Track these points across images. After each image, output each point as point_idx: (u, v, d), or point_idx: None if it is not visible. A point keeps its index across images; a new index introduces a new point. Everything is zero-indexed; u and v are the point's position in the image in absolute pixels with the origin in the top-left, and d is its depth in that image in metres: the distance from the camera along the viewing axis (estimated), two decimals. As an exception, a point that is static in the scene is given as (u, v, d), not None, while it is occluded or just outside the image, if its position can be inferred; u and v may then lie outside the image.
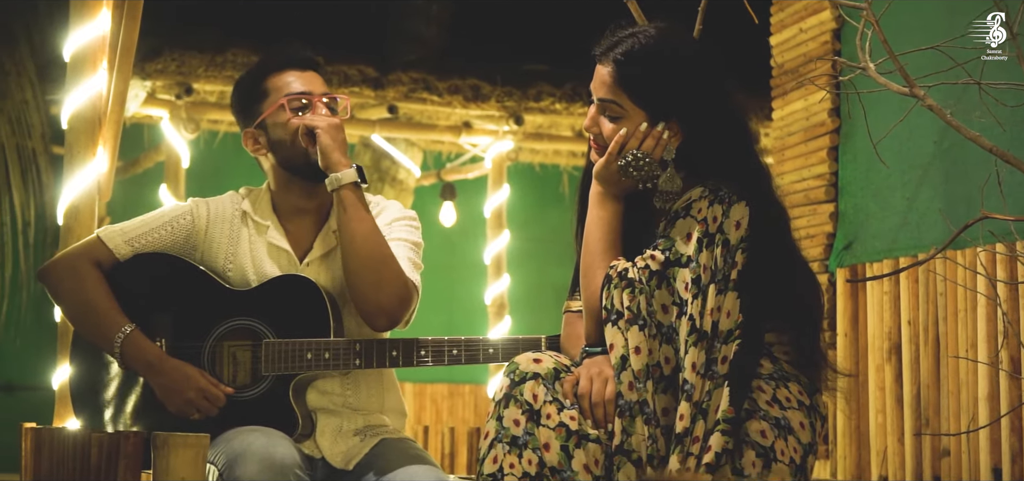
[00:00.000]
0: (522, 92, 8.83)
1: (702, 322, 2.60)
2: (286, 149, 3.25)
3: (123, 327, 3.16)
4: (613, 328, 2.67)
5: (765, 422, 2.65)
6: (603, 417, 2.65)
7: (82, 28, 3.86)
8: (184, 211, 3.33)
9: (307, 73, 3.31)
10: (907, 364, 4.36)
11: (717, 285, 2.63)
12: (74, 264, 3.27)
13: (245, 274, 3.29)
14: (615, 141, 2.77)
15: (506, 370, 2.75)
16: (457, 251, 10.91)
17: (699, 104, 2.78)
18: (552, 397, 2.68)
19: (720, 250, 2.65)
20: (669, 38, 2.80)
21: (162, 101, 8.30)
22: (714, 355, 2.61)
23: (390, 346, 3.14)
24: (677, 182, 2.78)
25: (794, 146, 5.05)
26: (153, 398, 3.17)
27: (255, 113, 3.30)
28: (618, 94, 2.77)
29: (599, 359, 2.72)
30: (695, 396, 2.57)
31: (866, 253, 4.64)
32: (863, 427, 4.60)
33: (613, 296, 2.68)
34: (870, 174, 4.64)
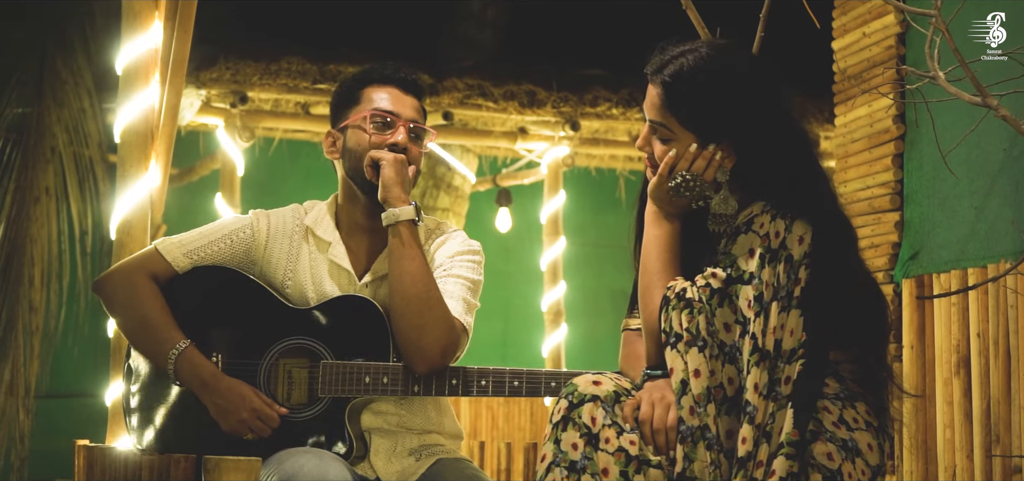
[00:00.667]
0: (578, 97, 8.79)
1: (764, 341, 2.54)
2: (354, 160, 3.26)
3: (178, 343, 3.15)
4: (672, 351, 2.61)
5: (832, 444, 2.58)
6: (665, 444, 2.59)
7: (134, 41, 3.87)
8: (244, 224, 3.32)
9: (406, 97, 3.31)
10: (976, 378, 4.24)
11: (780, 302, 2.56)
12: (130, 277, 3.25)
13: (304, 291, 3.27)
14: (664, 163, 2.72)
15: (564, 391, 2.69)
16: (513, 257, 10.92)
17: (752, 124, 2.70)
18: (611, 420, 2.63)
19: (783, 266, 2.58)
20: (719, 57, 2.73)
21: (217, 109, 8.34)
22: (777, 375, 2.54)
23: (450, 374, 3.12)
24: (732, 204, 2.72)
25: (858, 153, 4.94)
26: (206, 416, 3.15)
27: (342, 116, 3.33)
28: (666, 117, 2.72)
29: (661, 383, 2.66)
30: (758, 418, 2.51)
31: (933, 263, 4.52)
32: (930, 443, 4.48)
33: (672, 318, 2.62)
34: (936, 182, 4.52)
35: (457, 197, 9.58)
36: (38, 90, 8.29)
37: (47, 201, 8.29)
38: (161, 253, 3.26)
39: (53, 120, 8.28)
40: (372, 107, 3.25)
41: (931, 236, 4.56)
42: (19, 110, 8.27)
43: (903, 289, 4.63)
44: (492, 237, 10.34)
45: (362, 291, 3.25)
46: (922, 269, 4.57)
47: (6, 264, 8.13)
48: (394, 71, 3.31)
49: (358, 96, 3.30)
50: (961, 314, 4.32)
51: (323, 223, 3.32)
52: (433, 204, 9.46)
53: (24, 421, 8.25)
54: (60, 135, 8.32)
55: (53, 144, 8.31)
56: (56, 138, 8.30)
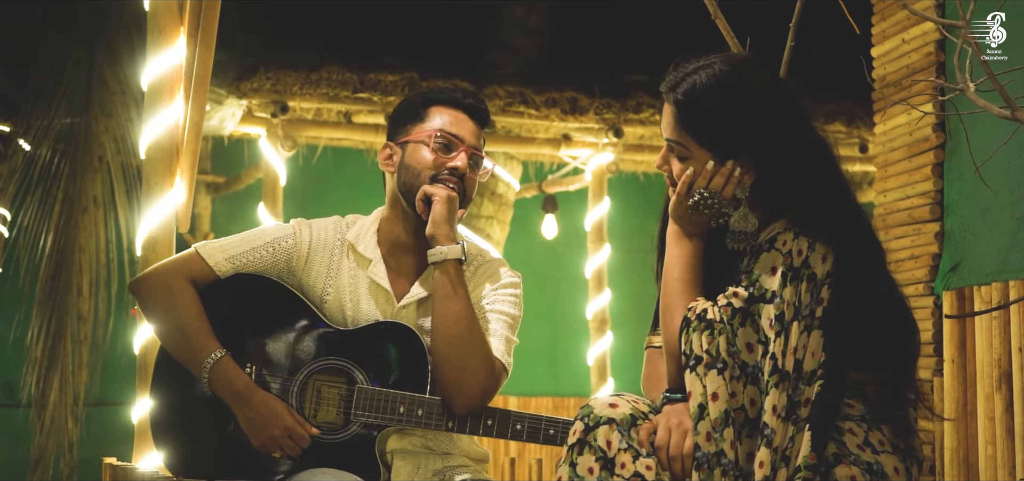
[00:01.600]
0: (621, 104, 8.78)
1: (784, 361, 2.49)
2: (408, 175, 3.23)
3: (214, 351, 3.14)
4: (692, 374, 2.57)
5: (856, 467, 2.53)
6: (681, 471, 2.55)
7: (158, 57, 3.87)
8: (287, 233, 3.31)
9: (471, 122, 3.29)
10: (1018, 394, 4.15)
11: (801, 322, 2.51)
12: (168, 279, 3.23)
13: (342, 307, 3.26)
14: (682, 181, 2.67)
15: (580, 413, 2.66)
16: (561, 263, 10.96)
17: (768, 140, 2.65)
18: (627, 444, 2.59)
19: (805, 285, 2.54)
20: (733, 73, 2.67)
21: (259, 119, 8.40)
22: (797, 397, 2.50)
23: (487, 415, 3.09)
24: (752, 221, 2.68)
25: (897, 162, 4.86)
26: (236, 429, 3.14)
27: (403, 131, 3.30)
28: (682, 135, 2.68)
29: (679, 407, 2.62)
30: (776, 441, 2.47)
31: (974, 275, 4.43)
32: (972, 458, 4.39)
33: (692, 340, 2.58)
34: (977, 192, 4.43)
35: (501, 204, 9.58)
36: (86, 101, 8.37)
37: (95, 210, 8.35)
38: (202, 256, 3.24)
39: (101, 130, 8.36)
40: (437, 127, 3.22)
41: (972, 247, 4.47)
42: (67, 120, 8.34)
43: (943, 301, 4.55)
44: (539, 243, 10.36)
45: (400, 312, 3.24)
46: (963, 281, 4.48)
47: (55, 273, 8.21)
48: (463, 96, 3.30)
49: (423, 113, 3.27)
50: (1002, 328, 4.24)
51: (365, 239, 3.30)
52: (477, 212, 9.49)
53: (73, 430, 8.33)
54: (107, 145, 8.38)
55: (101, 154, 8.37)
56: (104, 148, 8.36)
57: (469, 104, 3.28)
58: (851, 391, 2.65)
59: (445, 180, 3.18)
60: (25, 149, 8.20)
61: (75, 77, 8.40)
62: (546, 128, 8.94)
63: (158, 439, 3.23)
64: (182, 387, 3.22)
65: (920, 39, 4.64)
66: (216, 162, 10.09)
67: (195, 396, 3.19)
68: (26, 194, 8.23)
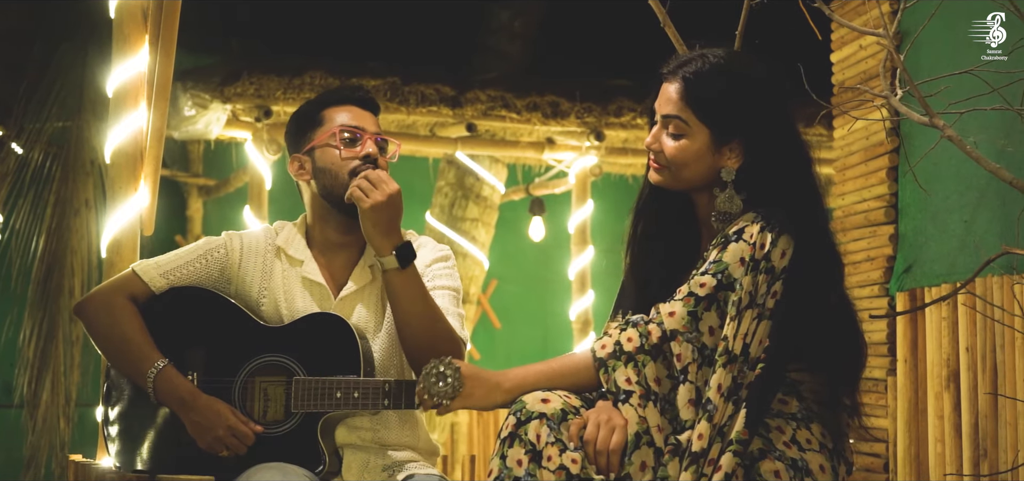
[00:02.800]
0: (602, 108, 8.83)
1: (734, 344, 2.61)
2: (328, 180, 3.31)
3: (156, 362, 3.23)
4: (626, 407, 2.67)
5: (780, 463, 2.63)
6: (606, 466, 2.63)
7: (123, 65, 3.95)
8: (218, 244, 3.41)
9: (365, 112, 3.38)
10: (966, 393, 4.23)
11: (754, 310, 2.63)
12: (108, 299, 3.35)
13: (278, 308, 3.34)
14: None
15: (513, 407, 2.74)
16: (551, 265, 10.99)
17: (763, 127, 2.78)
18: (555, 438, 2.66)
19: (763, 277, 2.65)
20: (737, 60, 2.85)
21: (243, 123, 8.45)
22: (740, 380, 2.60)
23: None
24: (737, 203, 2.78)
25: (854, 166, 4.95)
26: (184, 433, 3.23)
27: (306, 139, 3.37)
28: (684, 110, 2.79)
29: (610, 405, 2.70)
30: (716, 417, 2.57)
31: (926, 277, 4.51)
32: (923, 456, 4.48)
33: (615, 379, 2.70)
34: (929, 197, 4.52)
35: (486, 207, 9.63)
36: (78, 105, 8.41)
37: (87, 213, 8.39)
38: (138, 274, 3.35)
39: (92, 134, 8.38)
40: (338, 124, 3.31)
41: (924, 250, 4.56)
42: (60, 124, 8.38)
43: (897, 302, 4.64)
44: (528, 245, 10.42)
45: (337, 306, 3.31)
46: (915, 282, 4.57)
47: (46, 276, 8.24)
48: (351, 91, 3.39)
49: (319, 118, 3.35)
50: (951, 329, 4.31)
51: (294, 243, 3.39)
52: (462, 215, 9.51)
53: (64, 430, 8.36)
54: (99, 149, 8.32)
55: (92, 157, 8.41)
56: (95, 151, 8.38)
57: (359, 97, 3.38)
58: (787, 388, 2.74)
59: (362, 171, 3.24)
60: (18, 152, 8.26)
61: (68, 81, 8.44)
62: (529, 132, 9.00)
63: (110, 443, 3.35)
64: (132, 394, 3.34)
65: (876, 45, 4.72)
66: (207, 165, 10.13)
67: (144, 406, 3.30)
68: (18, 197, 8.29)
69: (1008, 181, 2.87)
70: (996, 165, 2.93)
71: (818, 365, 2.77)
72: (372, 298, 3.35)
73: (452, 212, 9.55)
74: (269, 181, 8.52)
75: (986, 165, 2.91)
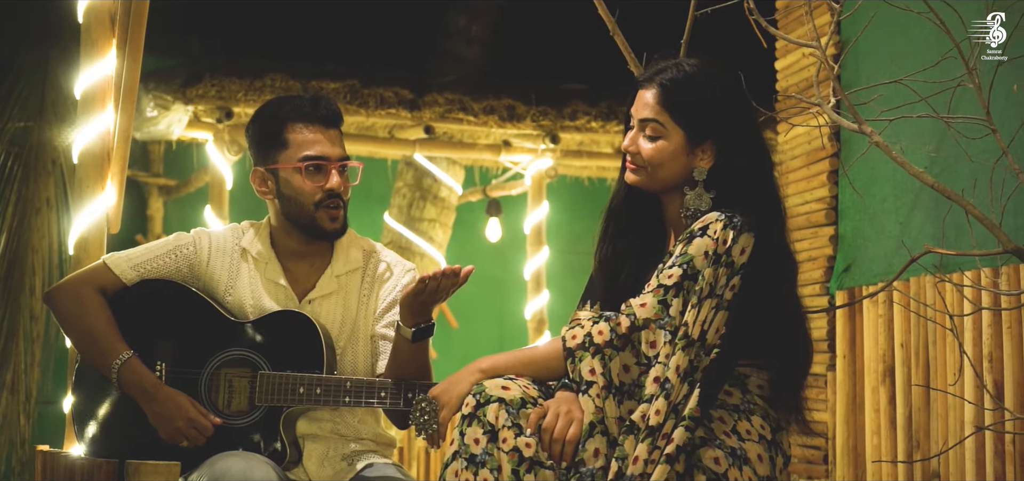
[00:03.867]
0: (557, 111, 8.90)
1: (692, 330, 2.76)
2: (293, 207, 3.40)
3: (121, 353, 3.31)
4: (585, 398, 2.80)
5: (720, 451, 2.78)
6: (560, 455, 2.77)
7: (91, 68, 4.03)
8: (187, 241, 3.48)
9: (330, 131, 3.41)
10: (900, 387, 4.42)
11: (713, 300, 2.78)
12: (77, 290, 3.42)
13: (243, 307, 3.43)
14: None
15: (474, 390, 2.88)
16: (507, 265, 11.04)
17: (733, 130, 2.97)
18: (512, 422, 2.80)
19: (723, 270, 2.80)
20: (710, 67, 3.01)
21: (205, 124, 8.45)
22: (696, 363, 2.75)
23: (379, 387, 3.26)
24: (706, 200, 2.96)
25: (797, 169, 5.12)
26: (148, 423, 3.31)
27: (270, 158, 3.42)
28: (661, 113, 2.96)
29: (571, 396, 2.85)
30: (673, 396, 2.72)
31: (864, 276, 4.69)
32: (860, 448, 4.66)
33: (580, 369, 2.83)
34: (867, 198, 4.70)
35: (443, 208, 9.66)
36: (40, 105, 8.41)
37: (48, 212, 8.38)
38: (109, 267, 3.42)
39: (54, 134, 8.37)
40: (302, 154, 3.35)
41: (862, 250, 4.73)
42: (21, 124, 8.37)
43: (837, 300, 4.81)
44: (485, 246, 10.42)
45: (305, 309, 3.40)
46: (854, 281, 4.74)
47: (8, 274, 8.23)
48: (313, 107, 3.41)
49: (283, 139, 3.40)
50: (887, 326, 4.49)
51: (259, 246, 3.47)
52: (420, 216, 9.56)
53: (24, 426, 8.33)
54: (60, 148, 8.37)
55: (54, 157, 8.40)
56: (57, 151, 8.38)
57: (322, 114, 3.41)
58: (733, 380, 2.90)
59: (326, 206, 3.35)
60: (-22, 152, 8.20)
61: (29, 82, 8.43)
62: (486, 134, 9.04)
63: (79, 431, 3.43)
64: (100, 384, 3.41)
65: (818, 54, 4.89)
66: (168, 165, 10.10)
67: (112, 396, 3.39)
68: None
69: (931, 185, 3.04)
70: (920, 170, 3.10)
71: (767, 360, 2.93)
72: (338, 306, 3.45)
73: (410, 213, 9.58)
74: (230, 181, 8.52)
75: (911, 170, 3.08)
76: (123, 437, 3.36)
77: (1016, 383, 3.88)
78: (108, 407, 3.40)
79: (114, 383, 3.32)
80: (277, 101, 3.49)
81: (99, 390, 3.41)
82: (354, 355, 3.44)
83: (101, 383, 3.40)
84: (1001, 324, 3.95)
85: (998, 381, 3.95)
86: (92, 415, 3.42)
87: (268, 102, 3.55)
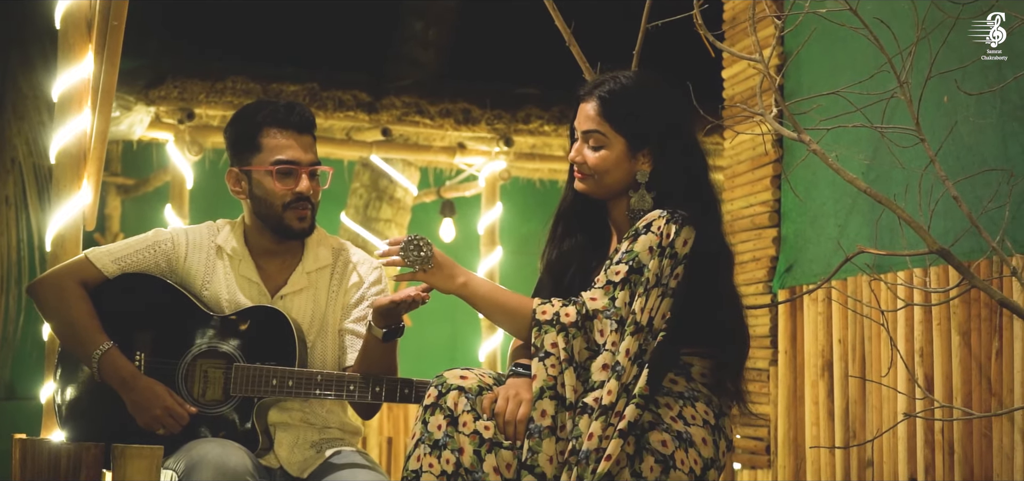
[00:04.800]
0: (511, 115, 9.03)
1: (641, 317, 2.93)
2: (263, 207, 3.53)
3: (101, 344, 3.42)
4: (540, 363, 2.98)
5: (667, 434, 2.96)
6: (513, 435, 2.96)
7: (68, 71, 4.14)
8: (166, 237, 3.60)
9: (302, 137, 3.55)
10: (838, 381, 4.62)
11: (659, 289, 2.97)
12: (60, 282, 3.52)
13: (219, 301, 3.55)
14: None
15: (435, 381, 3.06)
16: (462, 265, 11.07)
17: (670, 135, 3.14)
18: (470, 407, 2.99)
19: (667, 261, 2.98)
20: (645, 78, 3.21)
21: (166, 125, 8.48)
22: (645, 346, 2.94)
23: (348, 381, 3.40)
24: (648, 200, 3.13)
25: (743, 174, 5.29)
26: (126, 411, 3.42)
27: (244, 160, 3.55)
28: (602, 124, 3.13)
29: (519, 382, 3.02)
30: (624, 377, 2.90)
31: (804, 276, 4.87)
32: (800, 438, 4.84)
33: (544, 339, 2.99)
34: (808, 202, 4.88)
35: (399, 208, 9.72)
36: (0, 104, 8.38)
37: (7, 210, 8.38)
38: (91, 261, 3.53)
39: (14, 133, 8.37)
40: (273, 158, 3.50)
41: (803, 251, 4.92)
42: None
43: (779, 298, 5.00)
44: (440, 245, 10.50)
45: (276, 304, 3.54)
46: (795, 280, 4.93)
47: (-32, 271, 8.16)
48: (287, 114, 3.55)
49: (257, 143, 3.53)
50: (825, 323, 4.68)
51: (233, 244, 3.60)
52: (376, 216, 9.60)
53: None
54: (20, 147, 8.38)
55: (13, 156, 8.38)
56: (16, 150, 8.37)
57: (295, 121, 3.55)
58: (679, 369, 3.09)
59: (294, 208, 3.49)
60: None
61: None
62: (442, 137, 9.12)
63: (61, 419, 3.54)
64: (81, 377, 3.53)
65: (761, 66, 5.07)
66: (126, 165, 10.08)
67: (92, 386, 3.50)
68: (-61, 195, 8.18)
69: (863, 190, 3.25)
70: (853, 176, 3.31)
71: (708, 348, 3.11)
72: (308, 302, 3.59)
73: (366, 213, 9.63)
74: (190, 181, 8.56)
75: (845, 175, 3.29)
76: (104, 424, 3.47)
77: (944, 375, 4.09)
78: (90, 395, 3.51)
79: (94, 373, 3.42)
80: (255, 105, 3.63)
81: (80, 379, 3.52)
82: (323, 349, 3.57)
83: (82, 373, 3.51)
84: (931, 320, 4.15)
85: (928, 374, 4.15)
86: (74, 403, 3.53)
87: (246, 106, 3.68)
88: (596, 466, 2.86)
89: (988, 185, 3.85)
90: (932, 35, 3.71)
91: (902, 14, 3.85)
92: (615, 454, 2.85)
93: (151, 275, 3.57)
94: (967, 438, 4.02)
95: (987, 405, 3.92)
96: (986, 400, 3.94)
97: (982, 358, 3.97)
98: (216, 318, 3.51)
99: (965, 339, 4.03)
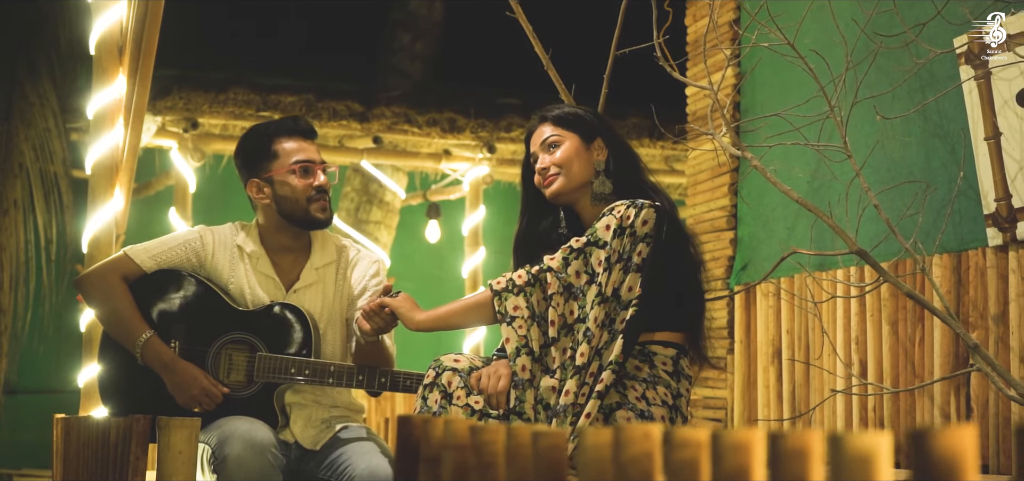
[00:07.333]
0: (494, 123, 9.23)
1: (606, 289, 3.25)
2: (289, 205, 3.86)
3: (144, 332, 3.73)
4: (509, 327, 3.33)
5: (631, 412, 3.29)
6: (496, 404, 3.34)
7: (103, 91, 4.49)
8: (194, 236, 3.93)
9: (310, 143, 3.91)
10: (786, 367, 4.96)
11: (622, 264, 3.28)
12: (104, 276, 3.83)
13: (243, 295, 3.87)
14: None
15: (432, 363, 3.46)
16: (445, 264, 11.33)
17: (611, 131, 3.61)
18: (463, 384, 3.38)
19: (628, 240, 3.25)
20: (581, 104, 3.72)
21: (171, 133, 8.66)
22: (613, 315, 3.25)
23: (357, 372, 3.74)
24: (608, 185, 3.52)
25: (703, 182, 5.62)
26: (165, 391, 3.76)
27: (263, 168, 3.84)
28: (555, 129, 3.58)
29: (499, 361, 3.40)
30: (594, 341, 3.21)
31: (757, 274, 5.19)
32: (753, 418, 5.20)
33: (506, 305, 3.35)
34: (760, 208, 5.19)
35: (388, 211, 9.93)
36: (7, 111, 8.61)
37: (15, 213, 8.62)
38: (131, 257, 3.81)
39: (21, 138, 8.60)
40: (293, 160, 3.80)
41: (756, 251, 5.27)
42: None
43: (735, 294, 5.42)
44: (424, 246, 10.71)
45: (289, 298, 3.84)
46: (750, 278, 5.29)
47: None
48: (295, 124, 3.89)
49: (273, 151, 3.83)
50: (776, 315, 5.05)
51: (252, 244, 3.91)
52: (366, 218, 9.83)
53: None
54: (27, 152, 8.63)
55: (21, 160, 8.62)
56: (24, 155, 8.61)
57: (302, 128, 3.88)
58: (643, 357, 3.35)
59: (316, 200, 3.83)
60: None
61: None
62: (429, 144, 9.31)
63: (104, 397, 3.83)
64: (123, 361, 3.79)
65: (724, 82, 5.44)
66: None
67: (133, 369, 3.77)
68: (-52, 197, 8.38)
69: (796, 200, 3.69)
70: (787, 187, 3.71)
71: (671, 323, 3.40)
72: (318, 295, 3.88)
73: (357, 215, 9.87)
74: (193, 185, 8.74)
75: (780, 187, 3.72)
76: (145, 401, 3.78)
77: (876, 359, 4.43)
78: (128, 377, 3.81)
79: (138, 358, 3.70)
80: (263, 125, 3.96)
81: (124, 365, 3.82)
82: (333, 337, 3.89)
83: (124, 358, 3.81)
84: (865, 312, 4.49)
85: (863, 359, 4.48)
86: (117, 384, 3.83)
87: (254, 126, 4.00)
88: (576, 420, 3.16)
89: (910, 194, 4.17)
90: (860, 65, 4.10)
91: (838, 46, 4.19)
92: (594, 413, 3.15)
93: (182, 270, 3.86)
94: (895, 414, 4.34)
95: (911, 384, 4.25)
96: (910, 380, 4.25)
97: (907, 344, 4.27)
98: (241, 311, 3.78)
99: (893, 328, 4.34)
